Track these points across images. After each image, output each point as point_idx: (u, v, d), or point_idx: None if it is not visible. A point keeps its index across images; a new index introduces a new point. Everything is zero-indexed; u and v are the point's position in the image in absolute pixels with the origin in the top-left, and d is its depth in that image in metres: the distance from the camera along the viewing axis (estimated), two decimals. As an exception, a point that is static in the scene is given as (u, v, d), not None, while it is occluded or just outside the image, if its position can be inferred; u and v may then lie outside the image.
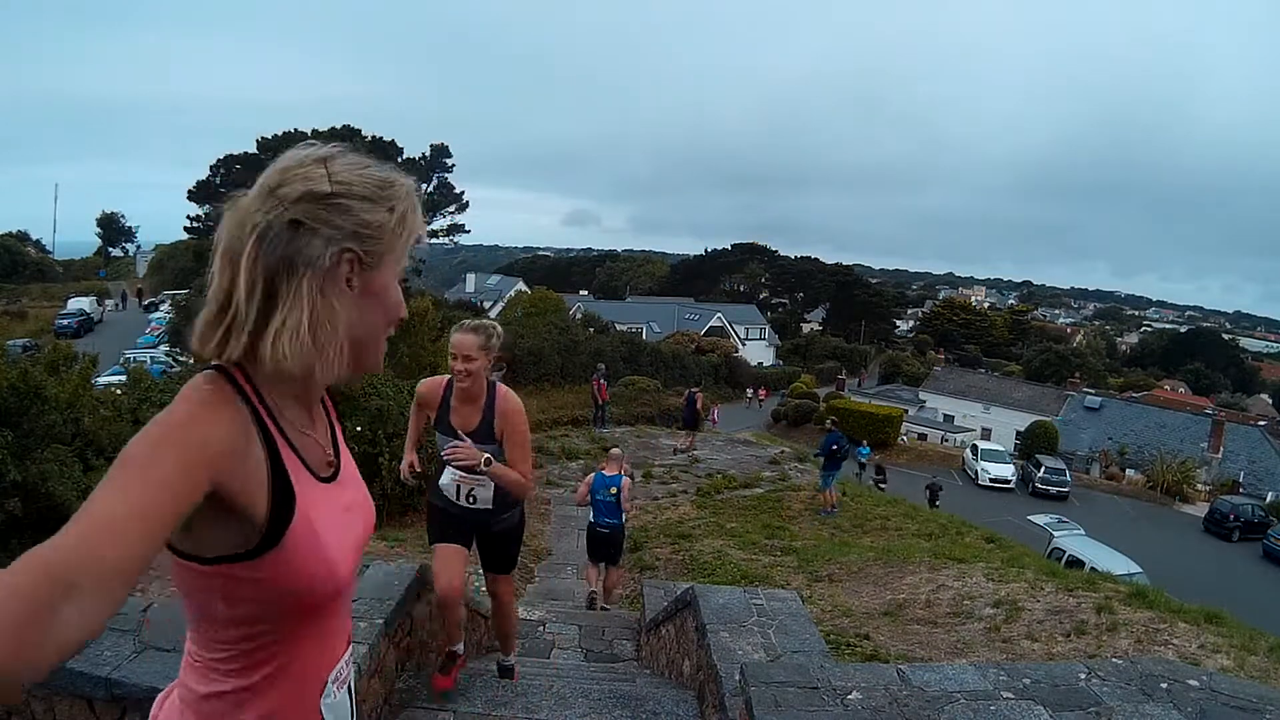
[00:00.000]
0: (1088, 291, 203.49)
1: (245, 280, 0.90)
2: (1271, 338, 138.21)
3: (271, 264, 0.91)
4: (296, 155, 0.96)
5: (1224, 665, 5.06)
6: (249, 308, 0.91)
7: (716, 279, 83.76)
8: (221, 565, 0.92)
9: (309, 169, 0.94)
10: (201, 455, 0.85)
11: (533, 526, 11.50)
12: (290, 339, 0.91)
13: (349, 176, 0.95)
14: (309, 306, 0.92)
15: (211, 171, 45.08)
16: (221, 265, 0.93)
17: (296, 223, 0.91)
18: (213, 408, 0.90)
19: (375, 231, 0.95)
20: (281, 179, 0.93)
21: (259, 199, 0.93)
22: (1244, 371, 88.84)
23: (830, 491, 12.77)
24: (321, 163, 0.94)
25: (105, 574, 0.73)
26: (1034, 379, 54.59)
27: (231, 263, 0.92)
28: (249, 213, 0.92)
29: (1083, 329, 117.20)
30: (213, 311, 0.94)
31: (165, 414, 0.87)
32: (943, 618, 6.53)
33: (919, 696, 2.20)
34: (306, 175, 0.93)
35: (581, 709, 3.18)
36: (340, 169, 0.95)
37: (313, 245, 0.92)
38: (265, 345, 0.91)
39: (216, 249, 0.95)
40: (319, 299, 0.93)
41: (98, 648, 2.29)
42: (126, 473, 0.80)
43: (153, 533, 0.79)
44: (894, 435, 33.63)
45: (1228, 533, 25.31)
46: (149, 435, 0.84)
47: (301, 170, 0.94)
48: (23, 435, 6.02)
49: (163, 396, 8.53)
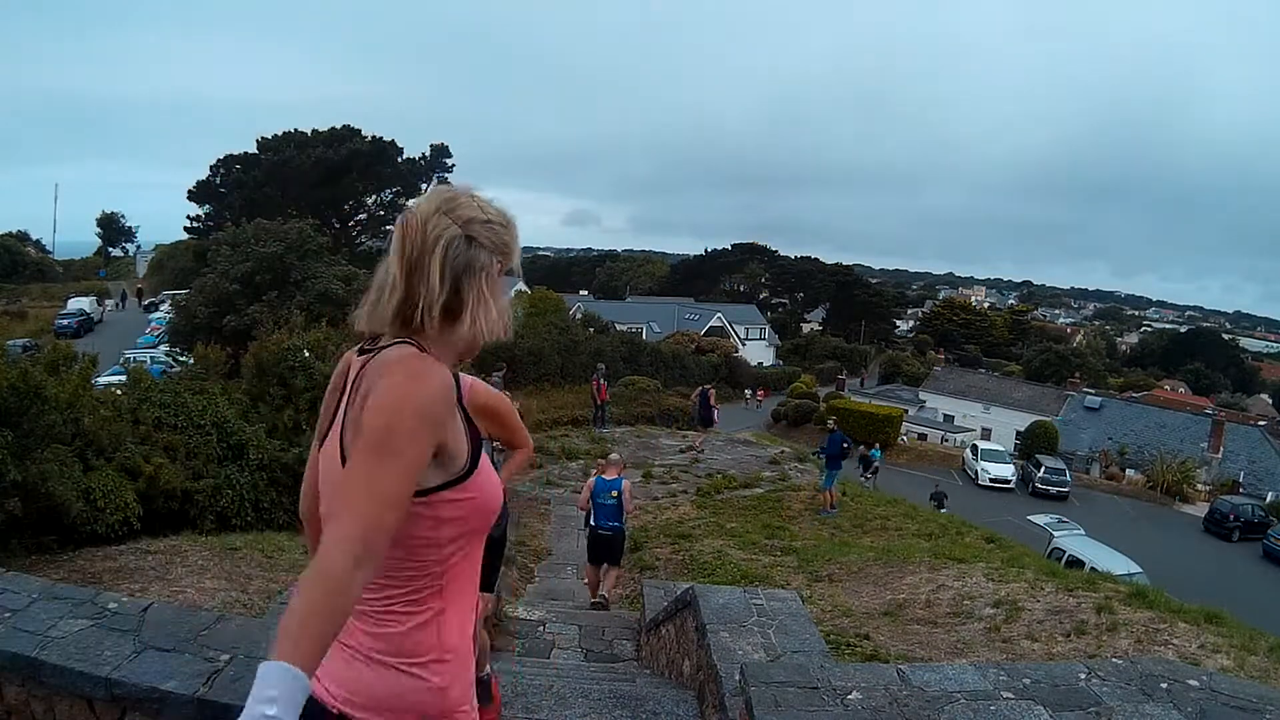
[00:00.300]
0: (1088, 291, 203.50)
1: (436, 277, 1.21)
2: (1271, 338, 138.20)
3: (458, 266, 1.23)
4: (454, 188, 1.30)
5: (1224, 665, 5.06)
6: (440, 296, 1.21)
7: (716, 279, 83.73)
8: (433, 494, 1.20)
9: (469, 199, 1.28)
10: (441, 423, 1.17)
11: (533, 526, 11.49)
12: (485, 319, 1.25)
13: (492, 209, 1.29)
14: (487, 297, 1.26)
15: (211, 171, 45.01)
16: (401, 265, 1.22)
17: (470, 238, 1.24)
18: (441, 376, 1.19)
19: (507, 248, 1.30)
20: (450, 205, 1.25)
21: (435, 218, 1.24)
22: (1244, 371, 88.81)
23: (831, 491, 12.78)
24: (474, 196, 1.29)
25: (386, 543, 1.06)
26: (1034, 379, 54.57)
27: (416, 263, 1.22)
28: (429, 228, 1.23)
29: (1083, 329, 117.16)
30: (399, 299, 1.22)
31: (410, 387, 1.14)
32: (943, 618, 6.53)
33: (919, 696, 2.20)
34: (469, 204, 1.27)
35: (581, 709, 3.18)
36: (486, 202, 1.29)
37: (481, 255, 1.25)
38: (464, 325, 1.24)
39: (395, 253, 1.23)
40: (488, 292, 1.26)
41: (98, 647, 2.29)
42: (397, 449, 1.09)
43: (410, 495, 1.11)
44: (894, 435, 33.62)
45: (1228, 533, 25.31)
46: (408, 411, 1.12)
47: (464, 199, 1.27)
48: (23, 435, 6.01)
49: (163, 396, 8.53)
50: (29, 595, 2.61)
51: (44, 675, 2.24)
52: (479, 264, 1.25)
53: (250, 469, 8.50)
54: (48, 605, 2.55)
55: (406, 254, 1.22)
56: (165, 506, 7.46)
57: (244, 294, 22.60)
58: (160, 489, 7.30)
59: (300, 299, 21.07)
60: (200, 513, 7.77)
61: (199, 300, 23.62)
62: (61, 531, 6.23)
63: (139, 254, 65.97)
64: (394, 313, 1.23)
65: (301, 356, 10.57)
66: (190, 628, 2.41)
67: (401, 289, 1.22)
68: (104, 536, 6.38)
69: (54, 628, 2.39)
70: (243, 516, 8.13)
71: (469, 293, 1.24)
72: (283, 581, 5.51)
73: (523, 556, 9.87)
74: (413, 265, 1.22)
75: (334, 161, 43.46)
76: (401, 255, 1.22)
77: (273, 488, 8.65)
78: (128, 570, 5.58)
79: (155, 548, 6.19)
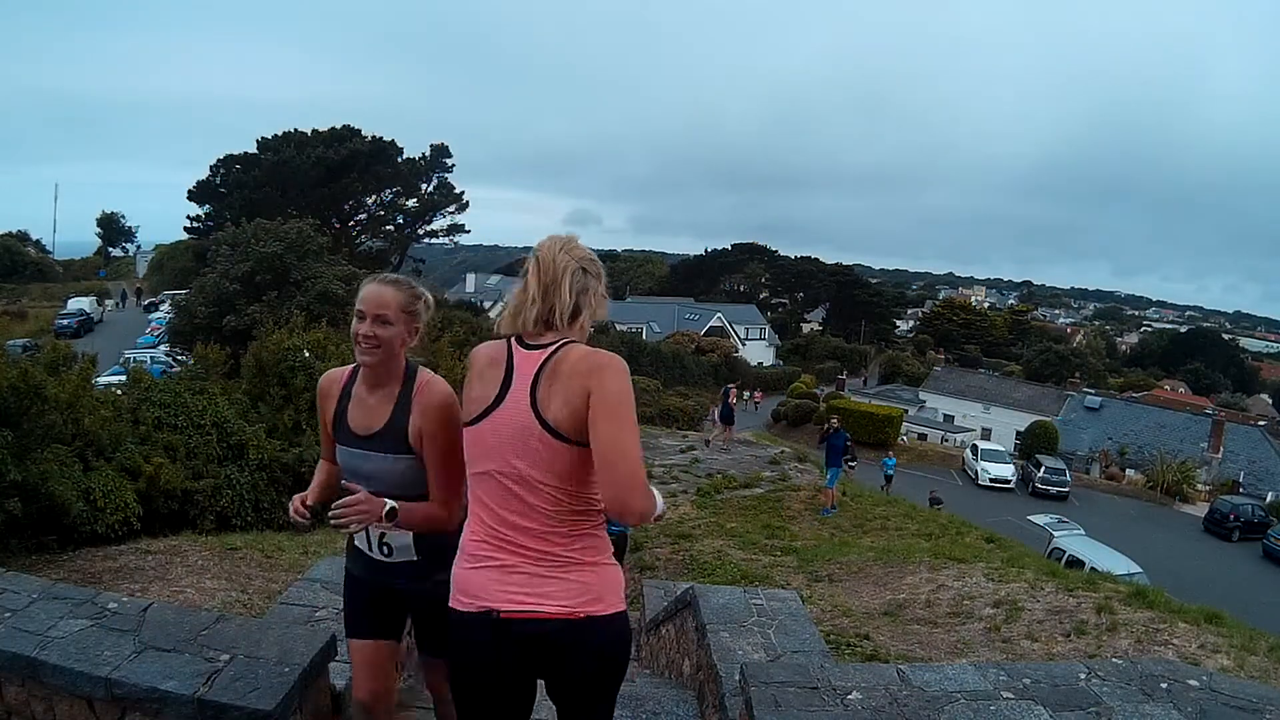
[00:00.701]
0: (1088, 291, 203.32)
1: (567, 296, 1.76)
2: (1271, 338, 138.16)
3: (579, 289, 1.78)
4: (565, 235, 1.85)
5: (1224, 665, 5.06)
6: (570, 310, 1.76)
7: (716, 279, 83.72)
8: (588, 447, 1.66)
9: (578, 244, 1.84)
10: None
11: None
12: (589, 324, 1.82)
13: (589, 251, 1.85)
14: (595, 306, 1.83)
15: (211, 171, 44.98)
16: (539, 285, 1.77)
17: (584, 270, 1.80)
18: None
19: (601, 277, 1.87)
20: (566, 246, 1.81)
21: (560, 255, 1.78)
22: (1244, 371, 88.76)
23: (833, 490, 12.80)
24: (577, 241, 1.84)
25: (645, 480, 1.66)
26: (1034, 379, 54.58)
27: (550, 285, 1.76)
28: (558, 262, 1.77)
29: (1083, 329, 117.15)
30: (539, 310, 1.76)
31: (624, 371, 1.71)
32: (943, 618, 6.52)
33: (919, 696, 2.20)
34: (580, 247, 1.84)
35: (581, 709, 3.18)
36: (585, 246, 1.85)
37: (591, 281, 1.82)
38: (581, 324, 1.79)
39: (533, 279, 1.78)
40: (595, 303, 1.83)
41: (98, 647, 2.29)
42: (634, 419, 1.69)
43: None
44: (894, 435, 33.62)
45: (1228, 533, 25.31)
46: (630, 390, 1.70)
47: (576, 243, 1.84)
48: (23, 435, 6.01)
49: (163, 396, 8.53)
50: (29, 595, 2.61)
51: (44, 675, 2.24)
52: (592, 288, 1.82)
53: (250, 469, 8.51)
54: (48, 605, 2.55)
55: (542, 280, 1.77)
56: (165, 506, 7.47)
57: (244, 294, 22.60)
58: (160, 489, 7.30)
59: (300, 299, 21.08)
60: (200, 513, 7.78)
61: (199, 300, 23.63)
62: (61, 531, 6.23)
63: (139, 254, 65.95)
64: (535, 319, 1.75)
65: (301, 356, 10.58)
66: (190, 628, 2.41)
67: (539, 303, 1.76)
68: (104, 536, 6.38)
69: (54, 628, 2.39)
70: (243, 516, 8.14)
71: (584, 305, 1.80)
72: (283, 581, 5.50)
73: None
74: (547, 287, 1.76)
75: (334, 161, 43.46)
76: (539, 280, 1.77)
77: (273, 488, 8.65)
78: (128, 570, 5.58)
79: (155, 548, 6.19)
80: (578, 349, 1.72)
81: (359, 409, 2.12)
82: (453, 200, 49.42)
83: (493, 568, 1.71)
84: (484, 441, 1.74)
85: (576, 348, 1.72)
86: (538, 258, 1.78)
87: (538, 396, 1.68)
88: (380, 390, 2.11)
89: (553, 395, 1.67)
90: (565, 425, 1.66)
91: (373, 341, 2.03)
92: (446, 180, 49.27)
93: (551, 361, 1.70)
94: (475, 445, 1.77)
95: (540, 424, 1.66)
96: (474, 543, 1.76)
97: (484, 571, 1.72)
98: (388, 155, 46.45)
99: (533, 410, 1.68)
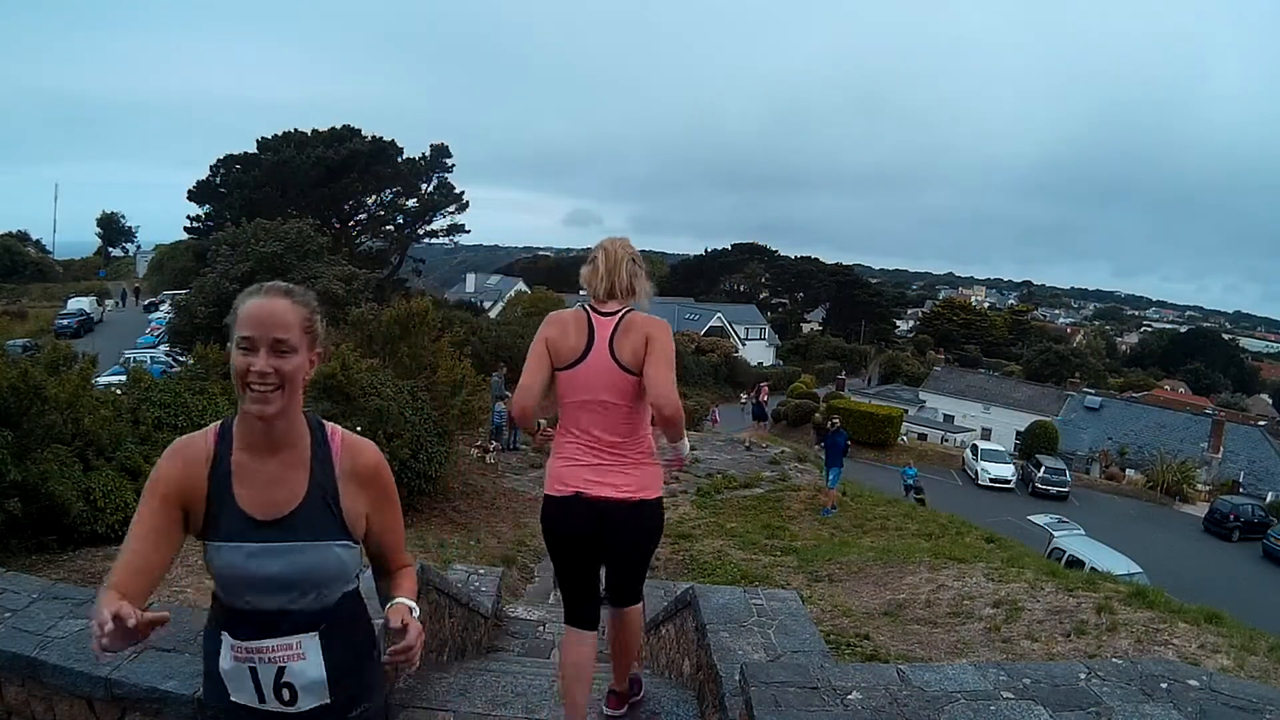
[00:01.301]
0: (1088, 291, 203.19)
1: (625, 275, 2.55)
2: (1271, 338, 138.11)
3: (631, 273, 2.57)
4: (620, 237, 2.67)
5: (1224, 665, 5.06)
6: (627, 286, 2.55)
7: (716, 279, 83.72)
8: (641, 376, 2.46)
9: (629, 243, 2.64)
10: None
11: (532, 526, 11.49)
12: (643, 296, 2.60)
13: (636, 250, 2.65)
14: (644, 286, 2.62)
15: (211, 171, 44.96)
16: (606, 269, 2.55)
17: (633, 259, 2.60)
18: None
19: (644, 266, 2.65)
20: (622, 243, 2.63)
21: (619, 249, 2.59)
22: (1244, 371, 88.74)
23: (834, 491, 12.80)
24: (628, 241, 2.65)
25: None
26: (1034, 379, 54.56)
27: (612, 268, 2.55)
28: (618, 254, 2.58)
29: (1083, 329, 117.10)
30: (607, 286, 2.54)
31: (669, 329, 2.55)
32: (943, 618, 6.52)
33: (919, 696, 2.20)
34: (631, 245, 2.64)
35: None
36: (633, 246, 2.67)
37: (638, 269, 2.60)
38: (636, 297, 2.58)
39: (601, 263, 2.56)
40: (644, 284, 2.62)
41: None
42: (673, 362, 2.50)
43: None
44: (894, 435, 33.62)
45: (1228, 533, 25.30)
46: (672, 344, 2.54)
47: (628, 243, 2.64)
48: (23, 435, 6.01)
49: (163, 396, 8.52)
50: (29, 595, 2.61)
51: (44, 675, 2.24)
52: (642, 269, 2.61)
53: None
54: (48, 605, 2.55)
55: (608, 265, 2.55)
56: (165, 506, 7.46)
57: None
58: (160, 489, 7.28)
59: (300, 299, 21.03)
60: (200, 513, 7.77)
61: (199, 300, 23.63)
62: (61, 531, 6.23)
63: (139, 254, 65.97)
64: (604, 292, 2.54)
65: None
66: (190, 628, 2.41)
67: (607, 281, 2.54)
68: (104, 536, 6.38)
69: (54, 628, 2.39)
70: (243, 516, 8.12)
71: (638, 284, 2.59)
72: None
73: (522, 556, 9.88)
74: (611, 270, 2.55)
75: (334, 161, 43.43)
76: (606, 266, 2.55)
77: (273, 488, 8.63)
78: (128, 570, 5.57)
79: (155, 548, 6.18)
80: (638, 314, 2.53)
81: (252, 485, 1.50)
82: (453, 200, 49.39)
83: (581, 466, 2.51)
84: (579, 380, 2.49)
85: (637, 313, 2.53)
86: (604, 249, 2.59)
87: (615, 347, 2.47)
88: (281, 453, 1.52)
89: (624, 345, 2.47)
90: (631, 363, 2.46)
91: (271, 382, 1.45)
92: (446, 180, 49.27)
93: (622, 323, 2.50)
94: (571, 383, 2.51)
95: (618, 365, 2.46)
96: (570, 449, 2.54)
97: (576, 469, 2.51)
98: (388, 155, 46.43)
99: (612, 357, 2.47)
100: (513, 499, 12.86)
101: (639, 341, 2.44)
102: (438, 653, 3.87)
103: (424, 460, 10.60)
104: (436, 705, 3.07)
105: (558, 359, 2.49)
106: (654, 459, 2.61)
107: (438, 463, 11.03)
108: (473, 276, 70.47)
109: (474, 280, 68.96)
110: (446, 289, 67.03)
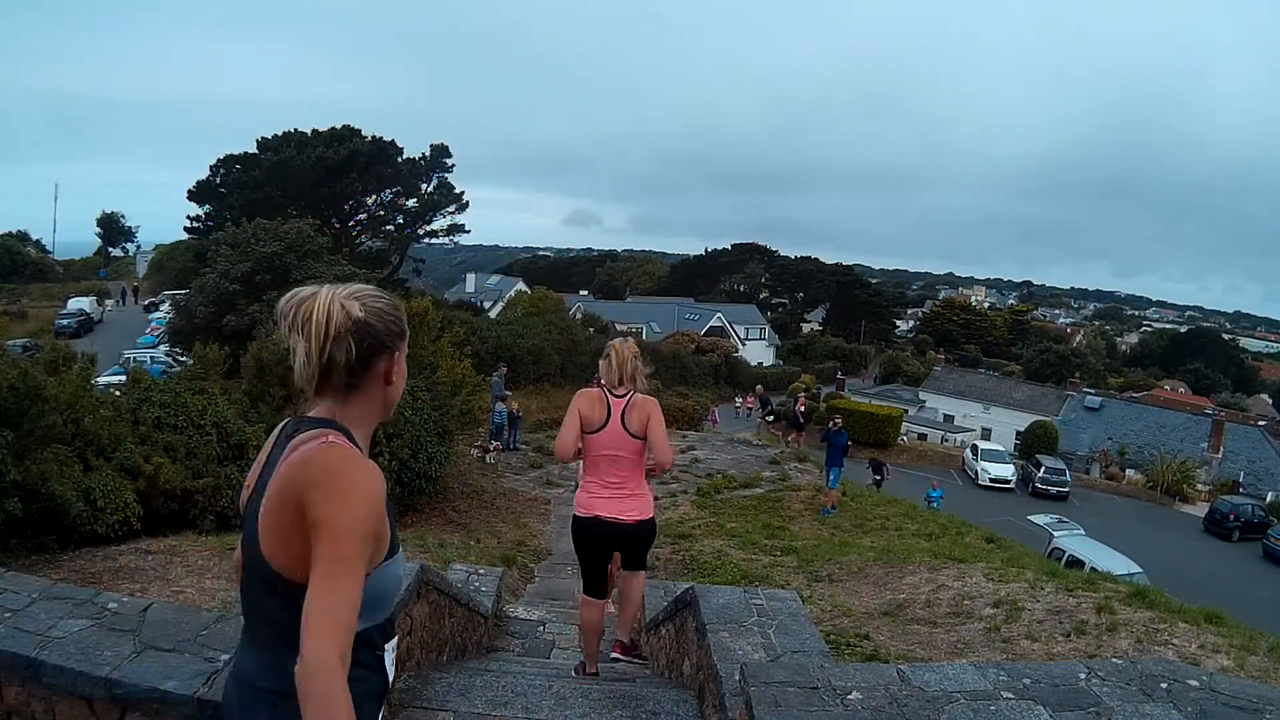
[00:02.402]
0: (1088, 291, 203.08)
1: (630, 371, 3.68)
2: (1271, 338, 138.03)
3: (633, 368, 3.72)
4: (628, 339, 3.81)
5: (1224, 665, 5.05)
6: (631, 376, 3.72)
7: (716, 279, 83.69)
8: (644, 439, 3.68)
9: (634, 343, 3.85)
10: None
11: (532, 527, 11.49)
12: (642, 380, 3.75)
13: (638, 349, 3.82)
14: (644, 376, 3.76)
15: (211, 171, 44.89)
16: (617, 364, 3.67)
17: (636, 356, 3.73)
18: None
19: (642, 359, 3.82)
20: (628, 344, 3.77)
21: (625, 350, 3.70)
22: (1244, 371, 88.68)
23: (834, 491, 12.79)
24: (632, 341, 3.97)
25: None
26: (1034, 379, 54.56)
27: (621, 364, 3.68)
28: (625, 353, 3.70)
29: (1083, 329, 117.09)
30: (618, 376, 3.68)
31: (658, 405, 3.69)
32: (943, 618, 6.52)
33: (919, 696, 2.20)
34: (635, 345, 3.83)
35: (581, 709, 3.18)
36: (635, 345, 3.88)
37: (639, 363, 3.75)
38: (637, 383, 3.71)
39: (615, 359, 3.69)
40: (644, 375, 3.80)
41: (98, 648, 2.29)
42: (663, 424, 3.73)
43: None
44: (894, 435, 33.62)
45: (1228, 533, 25.30)
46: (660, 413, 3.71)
47: (633, 342, 3.85)
48: (23, 435, 6.01)
49: (163, 396, 8.52)
50: (29, 595, 2.61)
51: (44, 675, 2.24)
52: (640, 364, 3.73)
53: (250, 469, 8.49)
54: (48, 605, 2.55)
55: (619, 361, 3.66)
56: (165, 506, 7.46)
57: (244, 294, 22.55)
58: (160, 489, 7.29)
59: (300, 299, 21.02)
60: (200, 513, 7.76)
61: (199, 300, 23.57)
62: (61, 531, 6.23)
63: (139, 254, 65.90)
64: (616, 381, 3.66)
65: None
66: (190, 628, 2.41)
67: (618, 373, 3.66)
68: (104, 536, 6.37)
69: (54, 628, 2.39)
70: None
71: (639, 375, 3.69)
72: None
73: (522, 557, 9.87)
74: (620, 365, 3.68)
75: (334, 161, 43.37)
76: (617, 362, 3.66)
77: (273, 488, 8.63)
78: (128, 570, 5.58)
79: (155, 548, 6.18)
80: (639, 396, 3.61)
81: None
82: (453, 200, 49.32)
83: (598, 497, 3.62)
84: (600, 440, 3.58)
85: (638, 395, 3.61)
86: (615, 349, 3.66)
87: (625, 420, 3.56)
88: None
89: (632, 418, 3.55)
90: (637, 431, 3.55)
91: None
92: (446, 180, 49.18)
93: (630, 403, 3.58)
94: (595, 442, 3.58)
95: (627, 432, 3.56)
96: (592, 485, 3.65)
97: (595, 499, 3.62)
98: (388, 155, 46.37)
99: (623, 426, 3.56)
100: (513, 499, 12.86)
101: (643, 416, 3.55)
102: (438, 653, 3.87)
103: (424, 460, 10.60)
104: (436, 705, 3.07)
105: (586, 425, 3.58)
106: (646, 490, 3.70)
107: (438, 463, 11.03)
108: (473, 276, 70.45)
109: (474, 280, 68.94)
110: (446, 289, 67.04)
